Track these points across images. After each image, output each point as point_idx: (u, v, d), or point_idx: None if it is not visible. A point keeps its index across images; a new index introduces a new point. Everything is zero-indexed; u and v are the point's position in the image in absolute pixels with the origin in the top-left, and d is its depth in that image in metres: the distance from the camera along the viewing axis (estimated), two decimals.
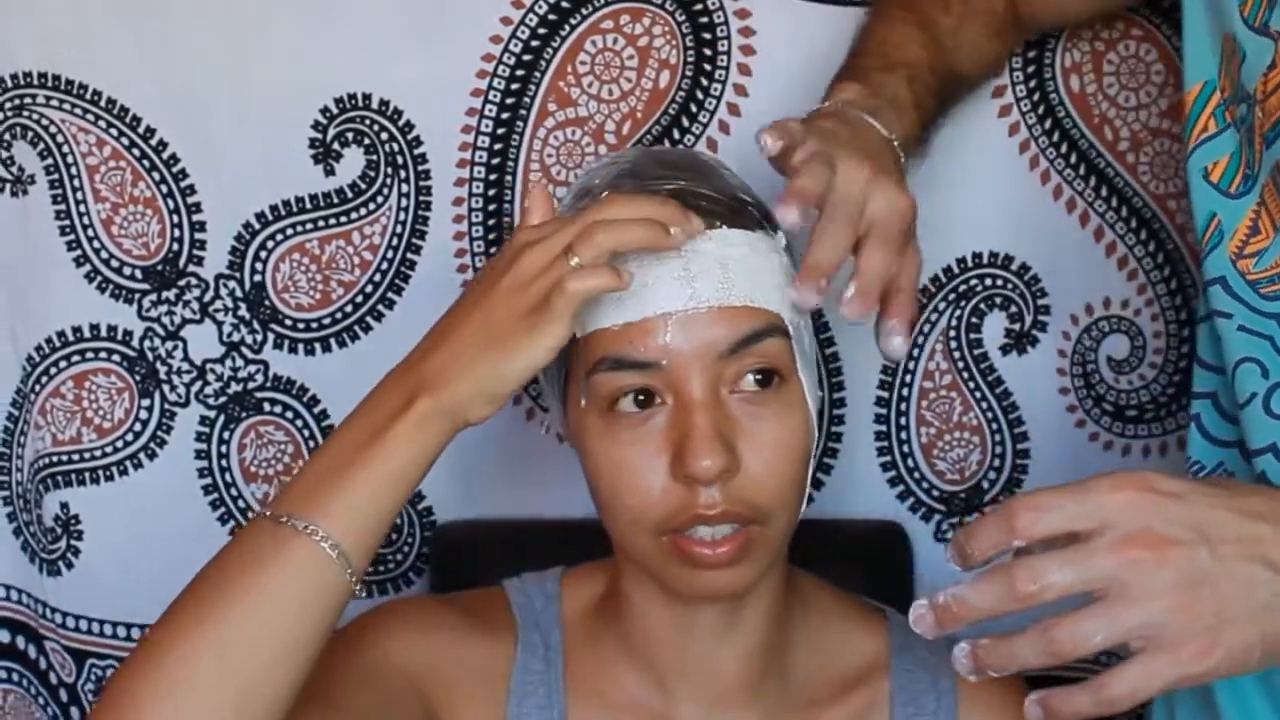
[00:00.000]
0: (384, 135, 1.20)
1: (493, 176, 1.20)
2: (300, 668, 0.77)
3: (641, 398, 0.82)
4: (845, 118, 0.91)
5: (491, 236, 1.21)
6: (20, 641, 1.34)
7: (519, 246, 0.81)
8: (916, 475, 1.25)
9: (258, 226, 1.22)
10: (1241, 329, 0.85)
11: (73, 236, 1.23)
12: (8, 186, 1.24)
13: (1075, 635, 0.68)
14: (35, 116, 1.21)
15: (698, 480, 0.80)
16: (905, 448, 1.24)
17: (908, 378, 1.23)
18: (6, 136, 1.23)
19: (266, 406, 1.25)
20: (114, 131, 1.20)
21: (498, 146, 1.19)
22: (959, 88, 1.06)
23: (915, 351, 1.22)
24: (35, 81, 1.21)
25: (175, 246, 1.22)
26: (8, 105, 1.22)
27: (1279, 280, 0.84)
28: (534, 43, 1.17)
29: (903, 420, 1.24)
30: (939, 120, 1.03)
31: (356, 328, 1.23)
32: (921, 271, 0.88)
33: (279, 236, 1.22)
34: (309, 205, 1.21)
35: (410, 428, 0.79)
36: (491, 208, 1.21)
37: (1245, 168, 0.85)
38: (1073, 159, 1.18)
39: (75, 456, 1.26)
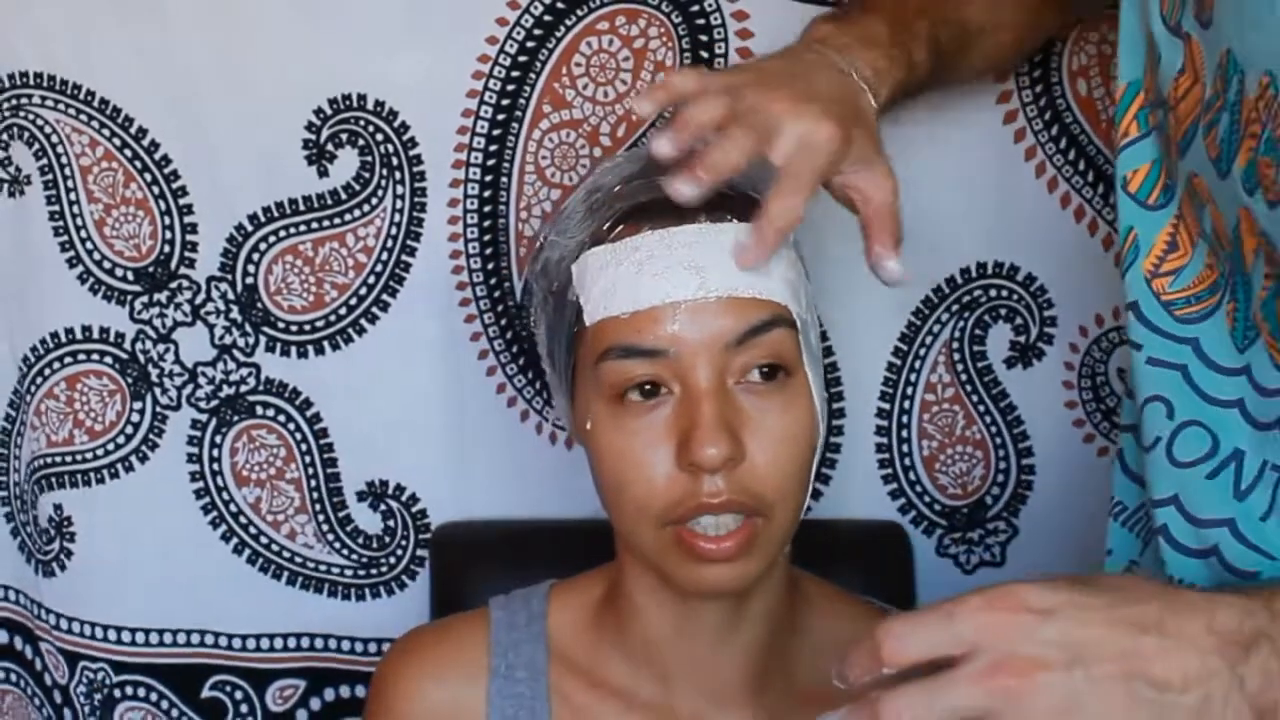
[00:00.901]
0: (379, 136, 1.18)
1: (488, 178, 1.18)
2: None
3: (648, 387, 0.83)
4: (793, 55, 0.89)
5: (486, 238, 1.19)
6: (18, 642, 1.35)
7: None
8: (918, 488, 1.22)
9: (250, 228, 1.21)
10: (1151, 362, 0.81)
11: (66, 237, 1.22)
12: (4, 187, 1.24)
13: None
14: (31, 117, 1.21)
15: (703, 468, 0.80)
16: (906, 460, 1.22)
17: (909, 390, 1.21)
18: (4, 137, 1.22)
19: (259, 410, 1.24)
20: (106, 132, 1.20)
21: (493, 148, 1.18)
22: (969, 41, 1.01)
23: (917, 364, 1.20)
24: (31, 82, 1.20)
25: (167, 248, 1.22)
26: (4, 106, 1.21)
27: (1195, 301, 0.79)
28: (529, 44, 1.16)
29: (904, 433, 1.21)
30: (940, 71, 0.98)
31: (350, 330, 1.22)
32: (898, 193, 0.86)
33: (272, 238, 1.21)
34: (302, 207, 1.20)
35: None
36: (487, 209, 1.19)
37: (1166, 177, 0.81)
38: (1080, 165, 1.16)
39: (68, 458, 1.26)
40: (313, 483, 1.25)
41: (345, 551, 1.26)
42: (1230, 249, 0.76)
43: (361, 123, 1.18)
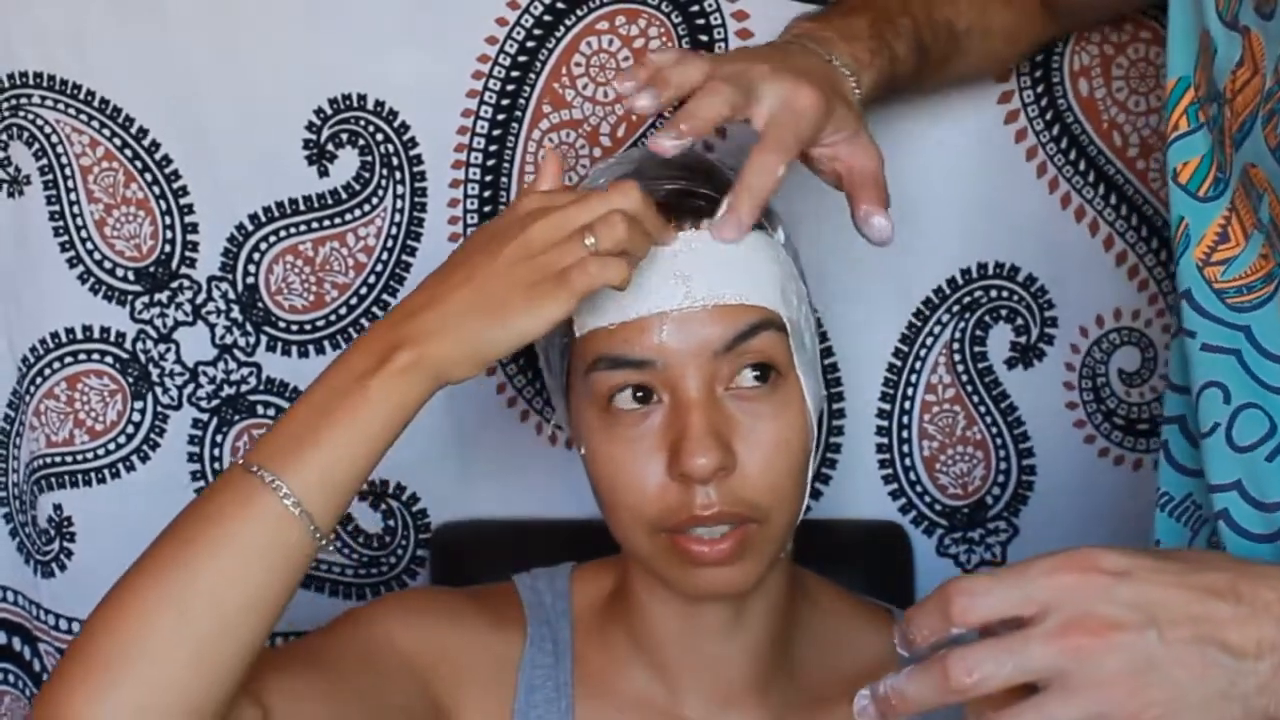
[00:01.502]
0: (379, 136, 1.18)
1: (488, 178, 1.18)
2: (262, 624, 0.77)
3: (640, 394, 0.83)
4: (779, 46, 0.89)
5: None
6: (16, 643, 1.35)
7: (527, 212, 0.79)
8: (919, 489, 1.22)
9: (251, 228, 1.21)
10: (1205, 348, 0.81)
11: (66, 238, 1.22)
12: (4, 187, 1.23)
13: None
14: (30, 117, 1.21)
15: (693, 478, 0.80)
16: (907, 460, 1.22)
17: (909, 390, 1.20)
18: (3, 137, 1.22)
19: (259, 409, 1.24)
20: (106, 132, 1.20)
21: (493, 148, 1.18)
22: (958, 42, 1.01)
23: (918, 364, 1.20)
24: (31, 81, 1.20)
25: (168, 248, 1.22)
26: (4, 106, 1.21)
27: (1247, 290, 0.80)
28: (529, 44, 1.16)
29: (905, 433, 1.21)
30: (927, 69, 0.98)
31: (351, 330, 1.22)
32: (883, 164, 0.85)
33: (272, 238, 1.21)
34: (303, 207, 1.20)
35: (389, 379, 0.78)
36: (487, 209, 1.19)
37: (1217, 170, 0.81)
38: (1081, 165, 1.15)
39: (68, 458, 1.26)
40: None
41: (346, 551, 1.26)
42: None
43: (361, 123, 1.18)
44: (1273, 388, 0.79)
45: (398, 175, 1.19)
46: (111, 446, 1.26)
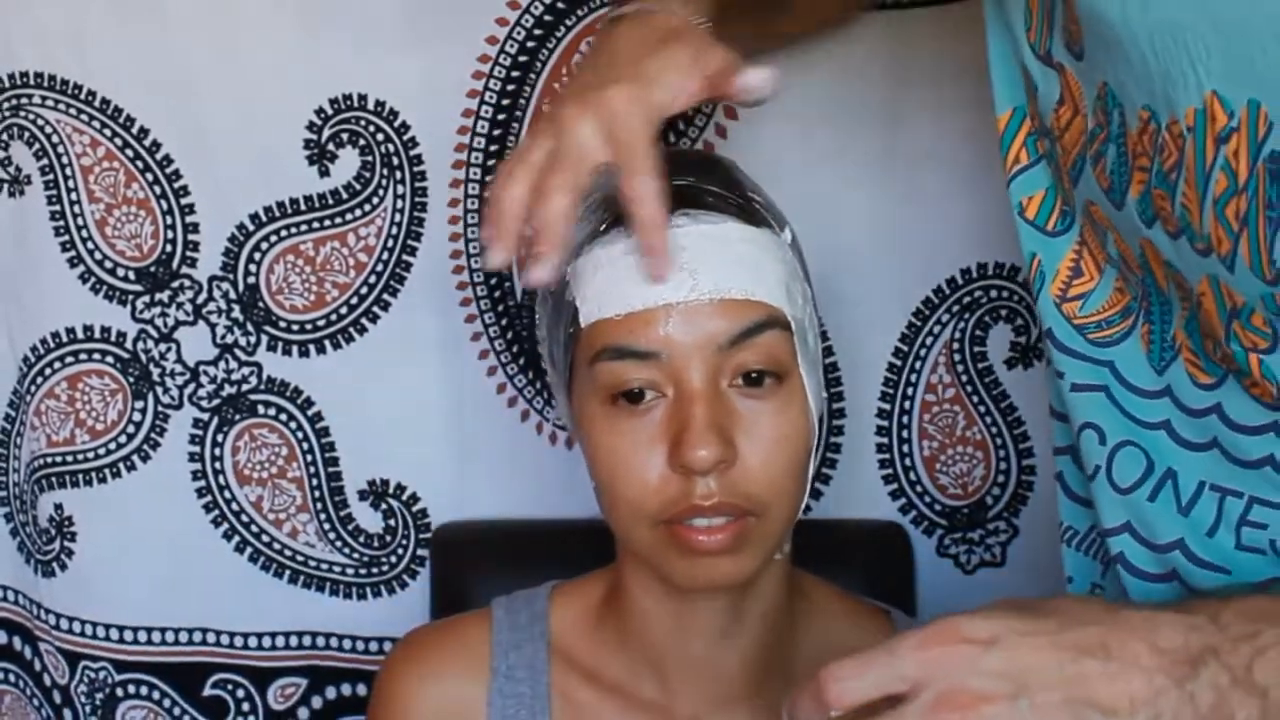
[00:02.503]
0: (379, 136, 1.18)
1: (489, 178, 1.18)
2: None
3: (640, 390, 0.83)
4: (599, 37, 0.87)
5: None
6: (17, 643, 1.35)
7: None
8: (919, 489, 1.22)
9: (252, 228, 1.21)
10: (1075, 388, 0.80)
11: (67, 237, 1.22)
12: (5, 187, 1.24)
13: None
14: (31, 117, 1.21)
15: (694, 470, 0.80)
16: (907, 460, 1.22)
17: (909, 390, 1.20)
18: (4, 137, 1.22)
19: (260, 409, 1.24)
20: (108, 132, 1.20)
21: (494, 148, 1.18)
22: None
23: (918, 364, 1.20)
24: (31, 81, 1.20)
25: (169, 248, 1.22)
26: (5, 106, 1.21)
27: (1107, 325, 0.79)
28: (530, 44, 1.16)
29: (905, 433, 1.21)
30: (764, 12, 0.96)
31: (351, 330, 1.22)
32: (735, 60, 0.82)
33: (273, 238, 1.21)
34: (303, 207, 1.20)
35: None
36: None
37: (1062, 204, 0.80)
38: None
39: (69, 458, 1.26)
40: (314, 482, 1.25)
41: (346, 550, 1.26)
42: (1141, 274, 0.75)
43: (362, 123, 1.18)
44: (1144, 423, 0.78)
45: (398, 175, 1.19)
46: (112, 446, 1.26)
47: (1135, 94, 0.70)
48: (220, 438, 1.25)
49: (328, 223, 1.20)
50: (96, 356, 1.25)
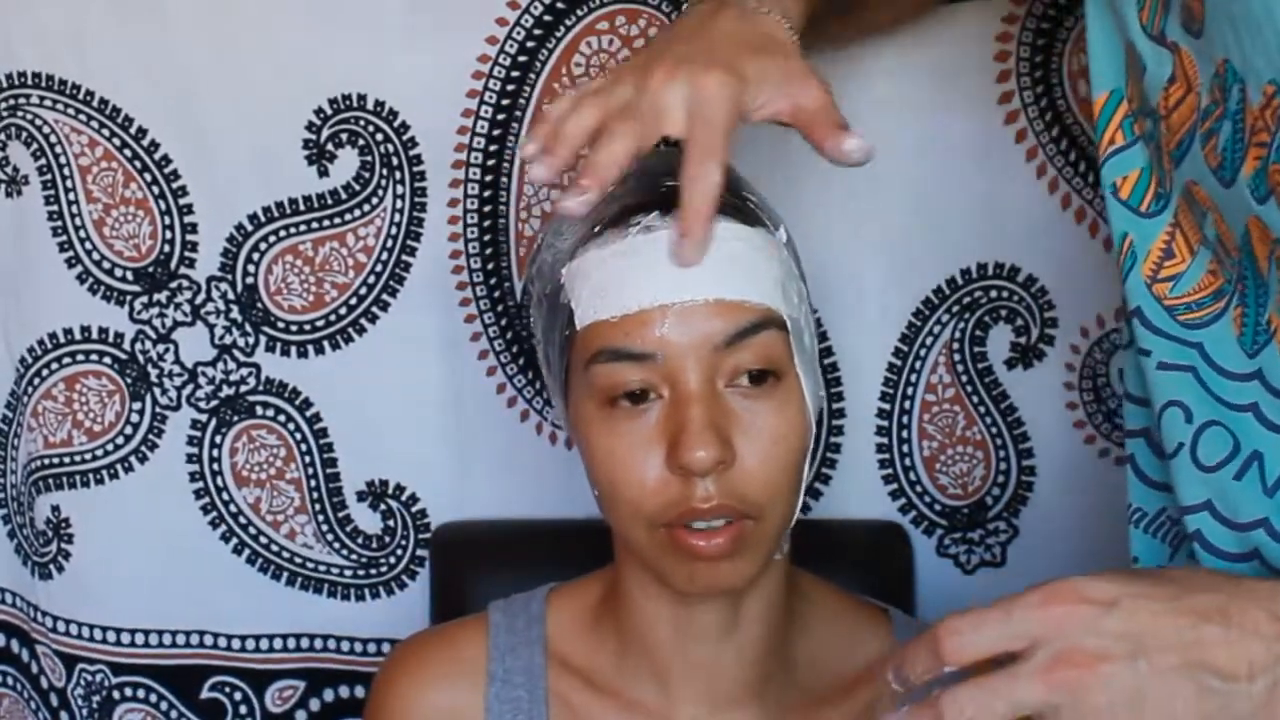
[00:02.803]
0: (379, 136, 1.18)
1: (488, 178, 1.18)
2: None
3: (638, 392, 0.82)
4: (696, 9, 0.86)
5: (486, 238, 1.19)
6: (14, 645, 1.34)
7: None
8: (919, 489, 1.22)
9: (250, 228, 1.21)
10: (1162, 366, 0.79)
11: (65, 238, 1.22)
12: (2, 187, 1.23)
13: None
14: (29, 117, 1.21)
15: (692, 472, 0.80)
16: (907, 460, 1.22)
17: (909, 390, 1.20)
18: (1, 137, 1.22)
19: (259, 410, 1.24)
20: (106, 132, 1.20)
21: (493, 148, 1.18)
22: None
23: (918, 364, 1.20)
24: (30, 82, 1.20)
25: (167, 248, 1.21)
26: (3, 106, 1.21)
27: (1198, 307, 0.78)
28: (529, 44, 1.16)
29: (905, 433, 1.21)
30: (846, 11, 0.96)
31: (350, 330, 1.22)
32: (830, 91, 0.82)
33: (272, 238, 1.21)
34: (302, 207, 1.20)
35: None
36: (487, 209, 1.19)
37: (1157, 185, 0.79)
38: (1081, 166, 1.15)
39: (66, 459, 1.26)
40: (312, 483, 1.25)
41: (345, 552, 1.26)
42: (1239, 255, 0.75)
43: (361, 123, 1.18)
44: (1232, 405, 0.78)
45: (398, 175, 1.19)
46: (110, 447, 1.25)
47: (1263, 69, 0.69)
48: (218, 439, 1.25)
49: (327, 223, 1.20)
50: (94, 357, 1.24)
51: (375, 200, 1.19)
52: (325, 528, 1.25)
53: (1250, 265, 0.75)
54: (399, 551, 1.26)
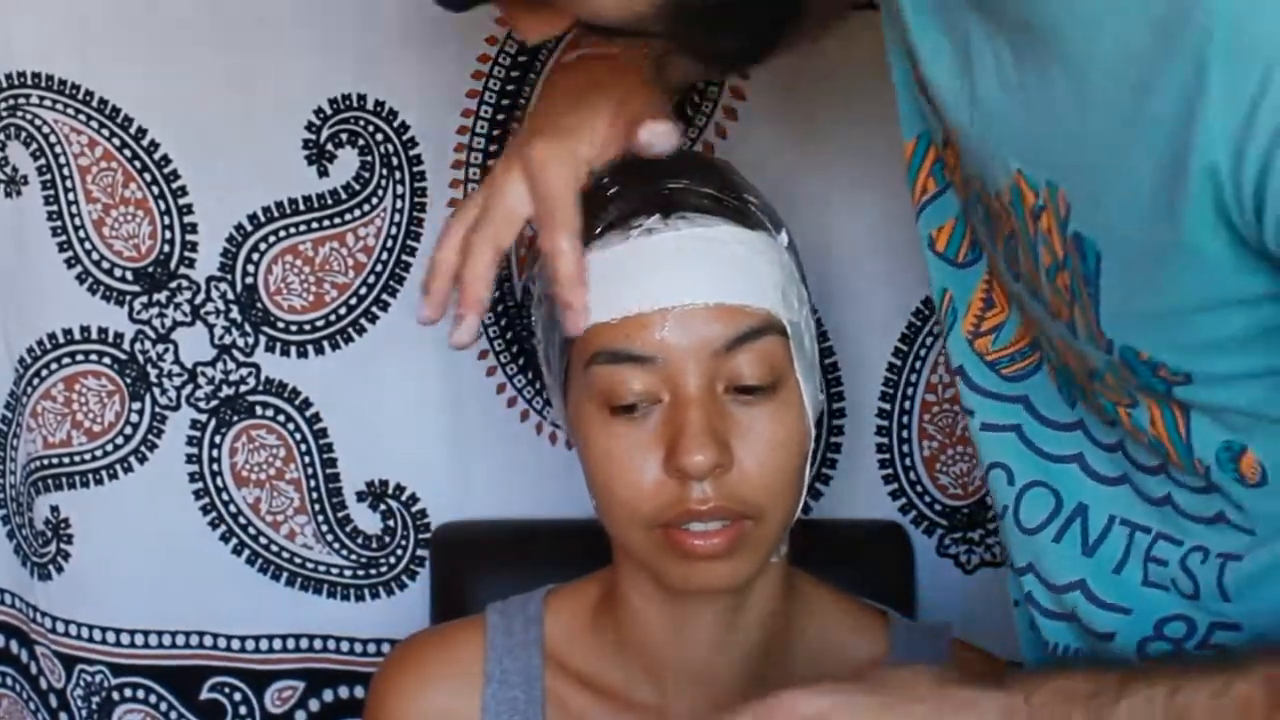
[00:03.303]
0: (379, 136, 1.18)
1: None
2: None
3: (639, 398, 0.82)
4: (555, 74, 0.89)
5: None
6: (13, 646, 1.34)
7: None
8: (919, 488, 1.22)
9: (250, 228, 1.20)
10: (985, 427, 0.80)
11: (64, 238, 1.22)
12: (2, 187, 1.23)
13: None
14: (29, 117, 1.21)
15: (690, 475, 0.80)
16: (907, 460, 1.22)
17: (909, 390, 1.20)
18: (1, 137, 1.22)
19: (258, 410, 1.24)
20: (105, 132, 1.20)
21: (493, 148, 1.18)
22: None
23: (918, 364, 1.20)
24: (29, 82, 1.20)
25: (166, 248, 1.21)
26: (3, 106, 1.21)
27: (1020, 357, 0.78)
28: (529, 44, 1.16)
29: (905, 433, 1.21)
30: None
31: (350, 330, 1.22)
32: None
33: (271, 238, 1.21)
34: (302, 207, 1.20)
35: None
36: None
37: (970, 233, 0.79)
38: None
39: (65, 460, 1.26)
40: (312, 483, 1.25)
41: (345, 552, 1.26)
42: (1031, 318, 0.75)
43: (361, 123, 1.18)
44: (1054, 457, 0.78)
45: (398, 175, 1.19)
46: (109, 448, 1.25)
47: (971, 164, 0.71)
48: (218, 439, 1.25)
49: (326, 223, 1.20)
50: (94, 357, 1.24)
51: (375, 200, 1.19)
52: (325, 528, 1.25)
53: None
54: (399, 552, 1.26)
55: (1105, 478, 0.76)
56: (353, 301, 1.21)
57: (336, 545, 1.25)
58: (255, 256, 1.21)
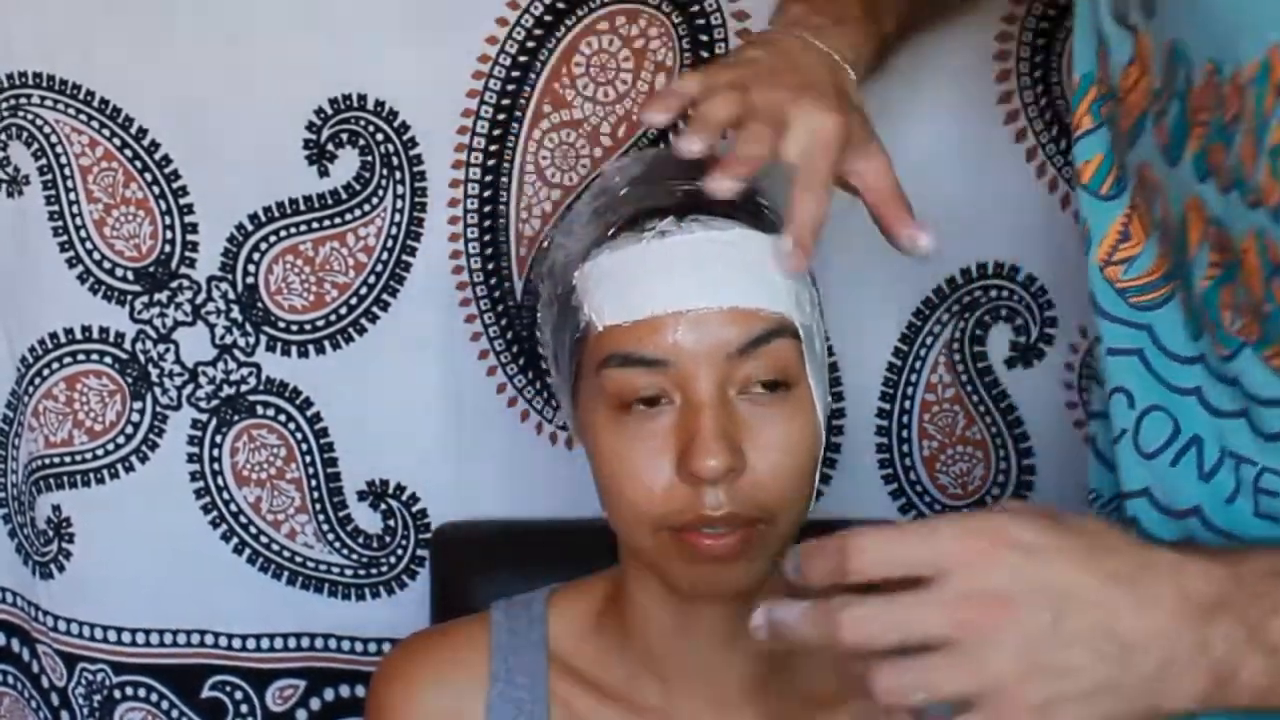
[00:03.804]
0: (379, 136, 1.18)
1: (488, 178, 1.18)
2: None
3: (649, 397, 0.82)
4: (777, 44, 0.89)
5: (487, 238, 1.19)
6: (15, 645, 1.34)
7: None
8: (919, 488, 1.22)
9: (251, 228, 1.21)
10: (1111, 351, 0.80)
11: (65, 238, 1.22)
12: (3, 187, 1.23)
13: (895, 685, 0.62)
14: (30, 117, 1.21)
15: (702, 480, 0.80)
16: (907, 460, 1.22)
17: (909, 390, 1.20)
18: (2, 137, 1.22)
19: (259, 409, 1.24)
20: (106, 132, 1.20)
21: (493, 148, 1.18)
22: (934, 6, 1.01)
23: (918, 364, 1.20)
24: (30, 81, 1.20)
25: (167, 248, 1.21)
26: (3, 106, 1.21)
27: (1150, 289, 0.79)
28: (529, 44, 1.16)
29: (904, 433, 1.21)
30: (902, 37, 0.99)
31: (351, 330, 1.22)
32: (891, 164, 0.85)
33: (272, 238, 1.21)
34: (303, 207, 1.20)
35: None
36: (487, 209, 1.19)
37: (1118, 169, 0.80)
38: None
39: (67, 459, 1.26)
40: (313, 482, 1.25)
41: (345, 551, 1.26)
42: (1176, 237, 0.76)
43: (361, 123, 1.18)
44: (1176, 388, 0.78)
45: (398, 175, 1.19)
46: (110, 447, 1.25)
47: (1203, 47, 0.70)
48: (219, 439, 1.25)
49: (327, 223, 1.20)
50: (95, 357, 1.24)
51: (375, 200, 1.19)
52: (326, 527, 1.25)
53: (1183, 249, 0.75)
54: (399, 551, 1.26)
55: (1222, 411, 0.76)
56: (353, 301, 1.21)
57: (337, 545, 1.26)
58: (256, 256, 1.21)
